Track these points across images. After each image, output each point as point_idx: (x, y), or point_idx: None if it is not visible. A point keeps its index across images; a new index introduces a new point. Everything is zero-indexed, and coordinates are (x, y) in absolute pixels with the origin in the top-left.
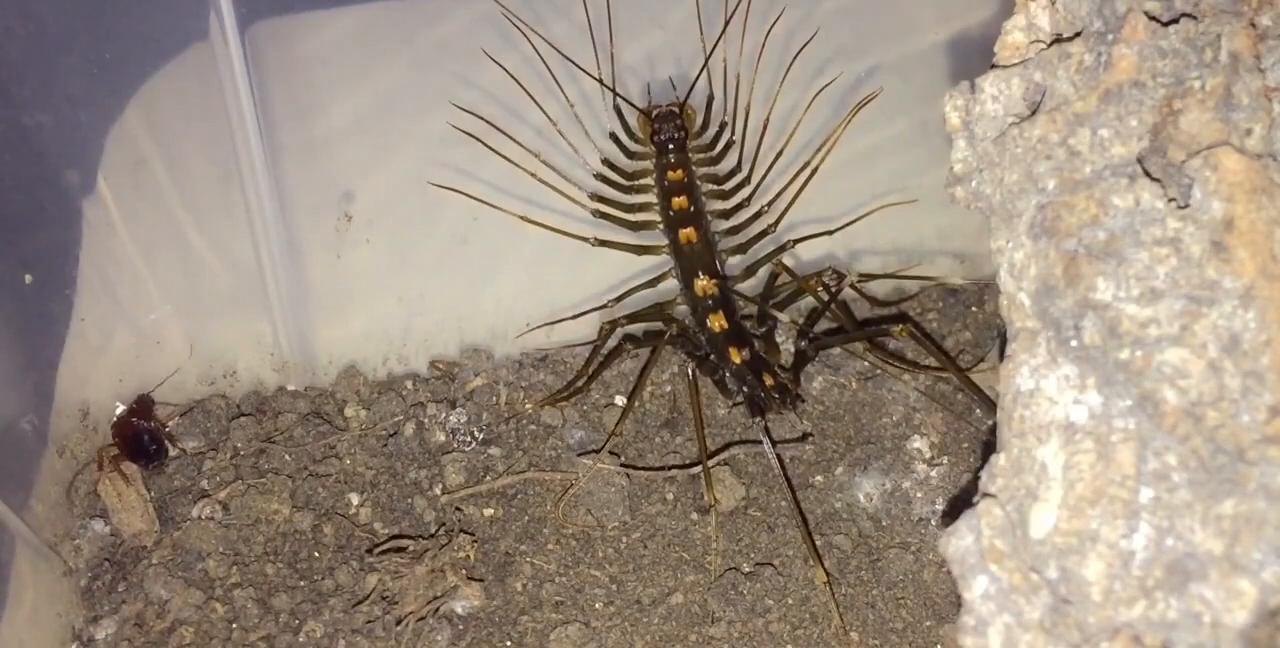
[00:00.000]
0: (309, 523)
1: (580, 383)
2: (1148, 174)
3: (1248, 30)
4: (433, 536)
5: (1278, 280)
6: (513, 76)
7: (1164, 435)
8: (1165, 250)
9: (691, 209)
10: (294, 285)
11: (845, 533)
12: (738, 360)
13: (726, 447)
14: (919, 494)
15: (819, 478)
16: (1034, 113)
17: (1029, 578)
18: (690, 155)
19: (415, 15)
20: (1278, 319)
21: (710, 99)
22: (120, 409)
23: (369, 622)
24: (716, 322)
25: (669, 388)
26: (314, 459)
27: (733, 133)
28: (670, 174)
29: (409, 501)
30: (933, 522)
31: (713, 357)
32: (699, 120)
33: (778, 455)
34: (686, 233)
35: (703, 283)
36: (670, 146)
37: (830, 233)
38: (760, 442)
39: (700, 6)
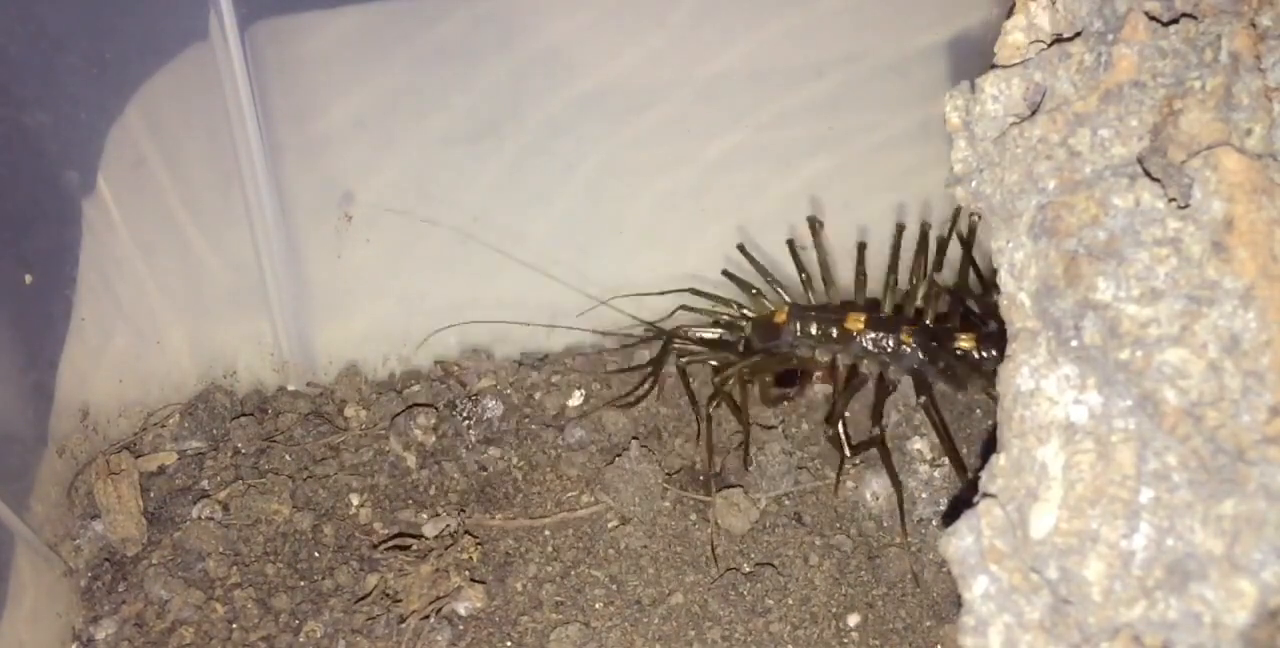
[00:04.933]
0: (309, 523)
1: (643, 390)
2: (1148, 174)
3: (1248, 30)
4: (436, 536)
5: (1278, 280)
6: None
7: (1164, 435)
8: (1165, 250)
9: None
10: (294, 285)
11: (846, 533)
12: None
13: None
14: (922, 495)
15: (830, 475)
16: (1034, 113)
17: (1029, 578)
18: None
19: (415, 15)
20: (1278, 319)
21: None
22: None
23: (369, 621)
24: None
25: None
26: (314, 459)
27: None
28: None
29: (409, 501)
30: (934, 522)
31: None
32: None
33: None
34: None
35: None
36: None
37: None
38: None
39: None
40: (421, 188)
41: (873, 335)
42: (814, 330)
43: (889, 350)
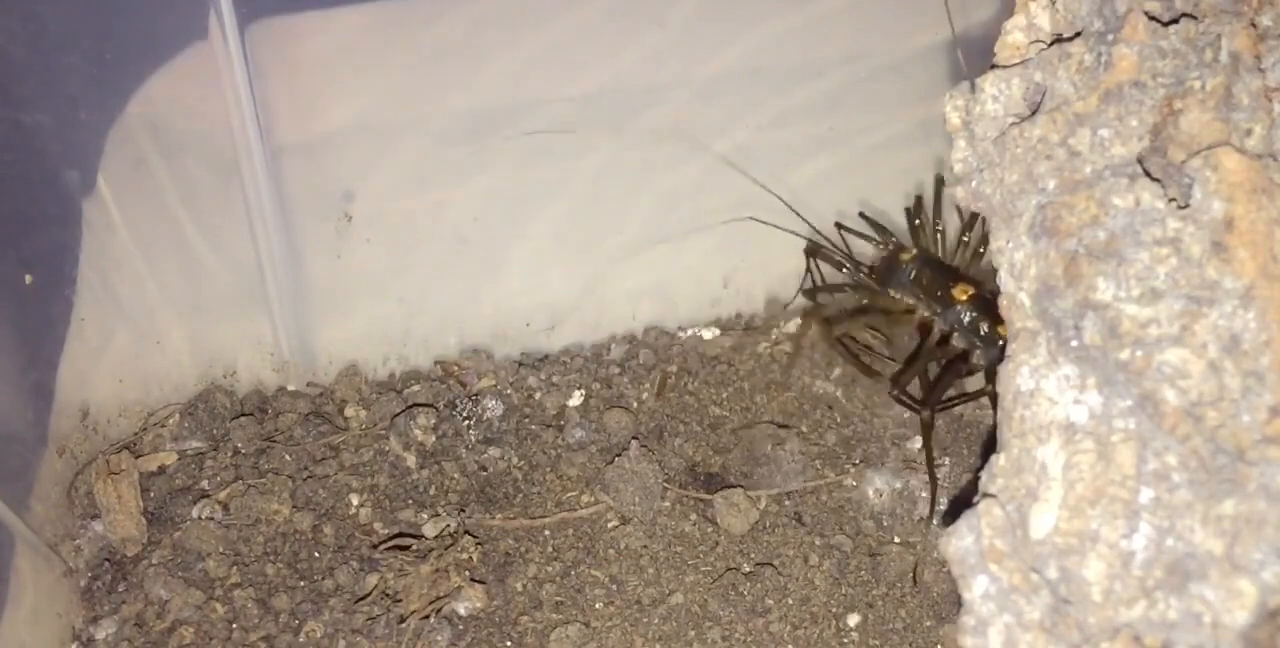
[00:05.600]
0: (309, 523)
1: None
2: (1148, 174)
3: (1248, 30)
4: (436, 536)
5: (1278, 280)
6: None
7: (1164, 435)
8: (1165, 250)
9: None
10: (294, 285)
11: (846, 533)
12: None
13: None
14: (922, 494)
15: (830, 475)
16: (1034, 113)
17: (1029, 578)
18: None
19: (415, 15)
20: (1278, 319)
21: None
22: None
23: (369, 621)
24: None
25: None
26: (314, 459)
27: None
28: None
29: (409, 501)
30: (935, 521)
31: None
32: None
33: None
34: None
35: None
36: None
37: None
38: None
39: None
40: (421, 188)
41: (973, 313)
42: (924, 281)
43: (981, 333)
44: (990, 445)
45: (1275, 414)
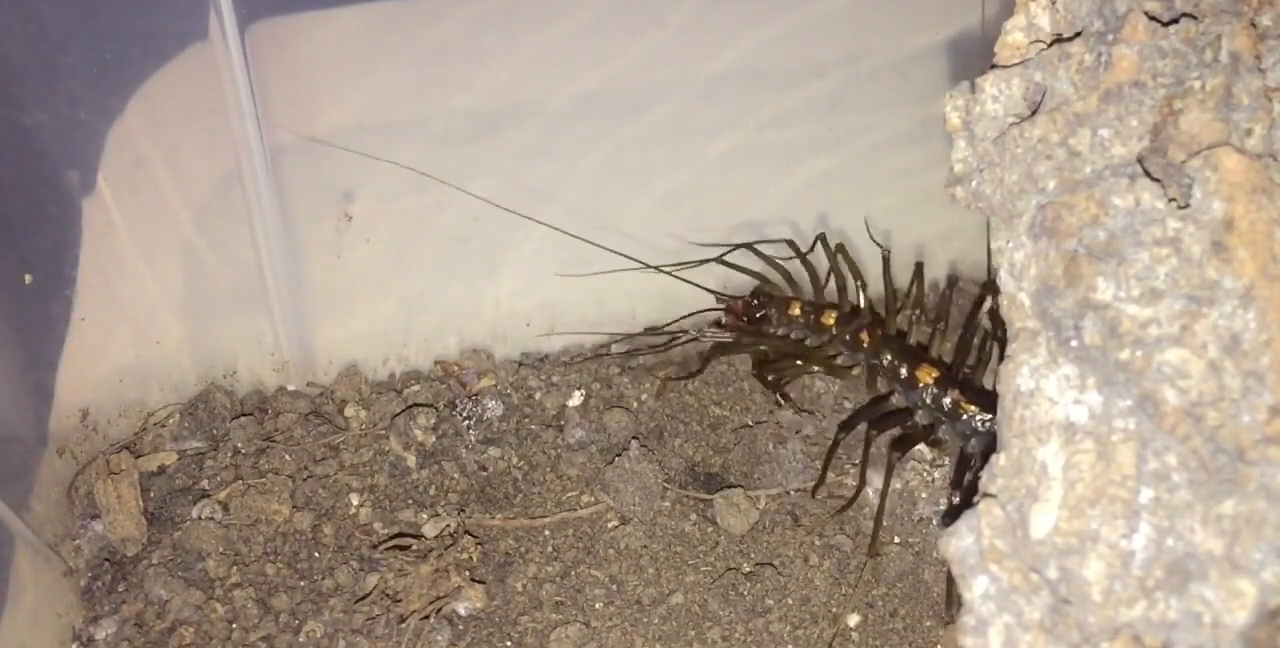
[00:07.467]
0: (309, 523)
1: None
2: (1148, 174)
3: (1248, 30)
4: (436, 536)
5: (1278, 280)
6: None
7: (1164, 435)
8: (1165, 250)
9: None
10: (294, 285)
11: (846, 533)
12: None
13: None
14: (922, 495)
15: (830, 475)
16: (1034, 113)
17: (1029, 578)
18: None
19: (415, 15)
20: (1278, 319)
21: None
22: None
23: (369, 621)
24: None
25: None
26: (314, 459)
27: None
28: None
29: (409, 501)
30: (934, 521)
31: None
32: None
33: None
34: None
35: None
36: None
37: None
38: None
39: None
40: (422, 188)
41: (935, 392)
42: (885, 362)
43: (946, 411)
44: (990, 446)
45: (1275, 414)
